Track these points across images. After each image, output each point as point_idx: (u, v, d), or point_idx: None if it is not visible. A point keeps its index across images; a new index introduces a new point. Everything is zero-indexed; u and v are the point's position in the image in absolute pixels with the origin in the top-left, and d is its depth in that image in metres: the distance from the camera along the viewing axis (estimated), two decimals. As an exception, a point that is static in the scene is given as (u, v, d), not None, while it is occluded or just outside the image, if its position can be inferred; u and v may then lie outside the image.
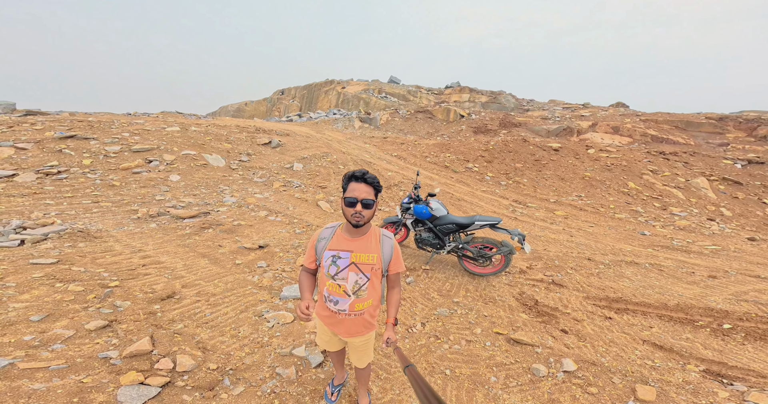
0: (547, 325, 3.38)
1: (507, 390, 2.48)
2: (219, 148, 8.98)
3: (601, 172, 10.72)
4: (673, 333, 3.42)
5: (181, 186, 6.59)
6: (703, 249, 6.42)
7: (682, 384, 2.66)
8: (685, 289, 4.44)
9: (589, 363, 2.80)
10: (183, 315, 2.82)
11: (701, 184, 10.24)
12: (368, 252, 1.56)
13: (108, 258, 3.60)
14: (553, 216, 8.11)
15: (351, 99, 25.35)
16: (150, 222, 4.89)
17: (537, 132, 15.68)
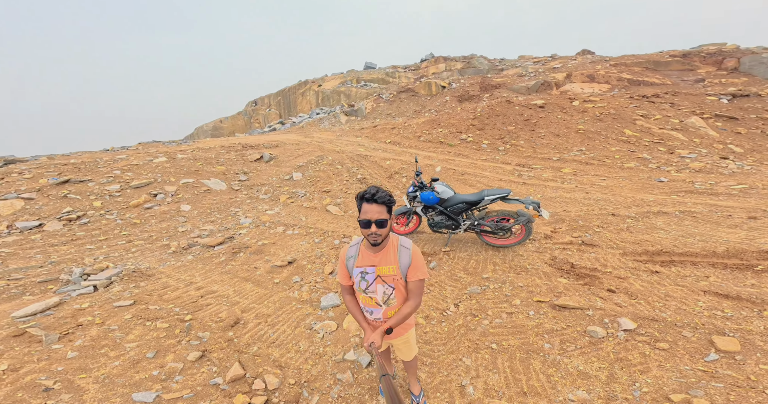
0: (590, 287, 3.43)
1: (566, 355, 2.57)
2: (214, 172, 9.14)
3: (593, 123, 10.64)
4: (735, 281, 3.38)
5: (195, 215, 6.80)
6: (730, 190, 6.41)
7: (766, 331, 2.62)
8: (729, 234, 4.45)
9: (649, 320, 2.85)
10: (253, 338, 3.06)
11: (697, 123, 10.16)
12: (388, 264, 1.68)
13: (171, 294, 3.86)
14: (561, 174, 8.08)
15: (330, 95, 25.10)
16: (185, 254, 5.11)
17: (517, 91, 15.67)
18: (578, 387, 2.23)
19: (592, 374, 2.34)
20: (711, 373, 2.23)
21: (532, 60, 22.52)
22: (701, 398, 2.02)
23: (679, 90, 12.59)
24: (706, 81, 13.41)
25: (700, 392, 2.07)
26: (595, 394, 2.16)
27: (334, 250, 4.78)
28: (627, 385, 2.21)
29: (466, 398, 2.29)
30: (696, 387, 2.11)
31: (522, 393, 2.27)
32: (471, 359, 2.64)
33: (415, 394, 2.25)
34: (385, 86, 23.95)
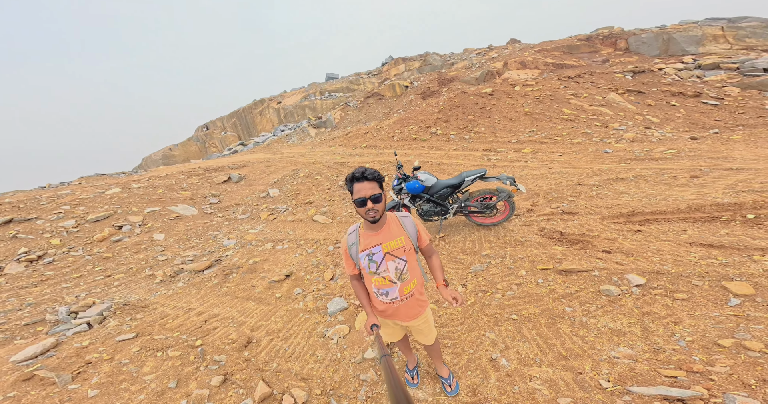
0: (586, 250, 3.41)
1: (591, 315, 2.46)
2: (179, 198, 8.56)
3: (536, 105, 11.13)
4: (710, 232, 3.46)
5: (171, 242, 6.34)
6: (665, 155, 6.90)
7: (766, 273, 2.62)
8: (682, 192, 4.69)
9: (655, 274, 2.82)
10: (270, 355, 2.81)
11: (616, 99, 10.88)
12: (394, 237, 1.60)
13: (172, 323, 3.54)
14: (523, 154, 8.30)
15: (294, 110, 24.41)
16: (174, 282, 4.75)
17: (468, 82, 16.17)
18: (617, 344, 2.11)
19: (625, 330, 2.24)
20: (744, 317, 2.18)
21: (475, 52, 23.36)
22: (751, 340, 1.94)
23: (594, 70, 13.55)
24: (610, 61, 14.60)
25: (746, 335, 1.99)
26: (638, 348, 2.04)
27: (330, 257, 4.48)
28: (667, 337, 2.12)
29: (502, 370, 2.11)
30: (740, 331, 2.04)
31: (561, 357, 2.12)
32: (494, 333, 2.47)
33: (445, 376, 2.09)
34: (351, 94, 23.76)
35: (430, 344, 1.95)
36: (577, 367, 1.98)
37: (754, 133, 7.95)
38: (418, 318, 1.77)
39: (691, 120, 9.40)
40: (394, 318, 1.77)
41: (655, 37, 14.40)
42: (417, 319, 1.77)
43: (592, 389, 1.79)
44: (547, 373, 1.99)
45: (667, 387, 1.61)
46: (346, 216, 6.04)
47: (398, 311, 1.71)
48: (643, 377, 1.79)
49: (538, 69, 15.06)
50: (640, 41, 14.81)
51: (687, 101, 10.32)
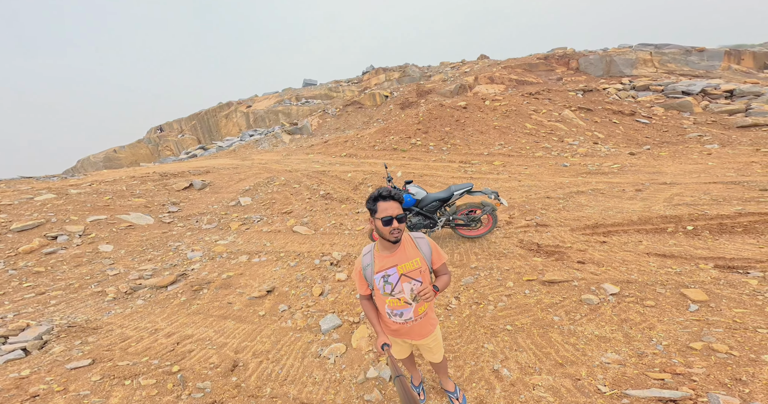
0: (563, 261, 3.70)
1: (577, 323, 2.68)
2: (132, 205, 7.85)
3: (504, 119, 11.87)
4: (661, 242, 3.90)
5: (122, 255, 5.78)
6: (612, 169, 7.70)
7: (714, 280, 2.98)
8: (631, 204, 5.24)
9: (626, 283, 3.13)
10: (261, 379, 2.64)
11: (570, 115, 11.97)
12: (410, 259, 1.62)
13: (137, 346, 3.20)
14: (495, 167, 8.75)
15: (265, 115, 23.56)
16: (132, 299, 4.32)
17: (444, 95, 16.83)
18: (605, 350, 2.32)
19: (609, 336, 2.47)
20: (705, 321, 2.48)
21: (450, 66, 24.24)
22: (718, 342, 2.22)
23: (550, 87, 14.76)
24: (564, 79, 16.01)
25: (711, 338, 2.27)
26: (624, 354, 2.27)
27: (317, 271, 4.35)
28: (646, 341, 2.36)
29: (506, 380, 2.22)
30: (705, 334, 2.33)
31: (558, 365, 2.27)
32: (493, 344, 2.59)
33: (451, 391, 2.14)
34: (330, 101, 23.35)
35: (438, 361, 1.98)
36: (574, 374, 2.15)
37: (677, 149, 9.18)
38: (429, 337, 1.81)
39: (628, 136, 10.62)
40: (405, 338, 1.80)
41: (600, 59, 16.07)
42: (428, 338, 1.81)
43: (592, 394, 1.96)
44: (548, 381, 2.13)
45: (659, 389, 1.82)
46: (329, 228, 5.92)
47: (411, 330, 1.74)
48: (635, 380, 1.99)
49: (503, 84, 16.09)
50: (588, 62, 16.42)
51: (624, 119, 11.65)
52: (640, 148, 9.60)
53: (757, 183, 5.58)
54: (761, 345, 2.12)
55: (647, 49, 16.51)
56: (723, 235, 3.90)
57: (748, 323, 2.38)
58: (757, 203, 4.69)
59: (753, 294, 2.73)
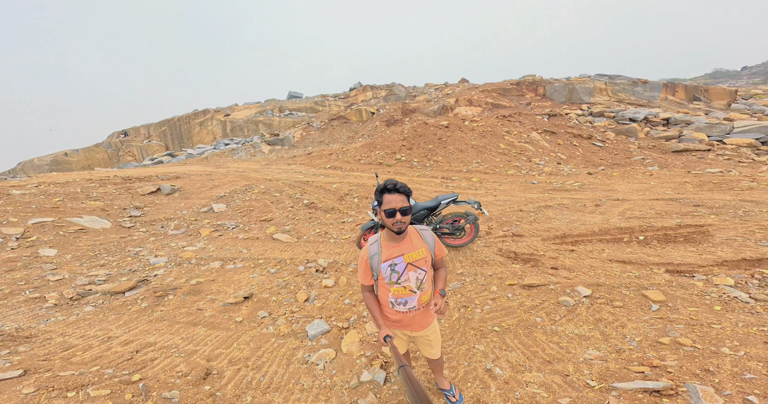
0: (538, 267, 3.93)
1: (557, 324, 2.84)
2: (86, 208, 7.32)
3: (481, 138, 12.58)
4: (620, 250, 4.28)
5: (68, 260, 5.31)
6: (573, 187, 8.35)
7: (668, 283, 3.30)
8: (591, 218, 5.71)
9: (596, 285, 3.38)
10: (240, 388, 2.47)
11: (537, 137, 12.97)
12: (416, 249, 1.68)
13: (84, 355, 2.88)
14: (473, 183, 9.17)
15: (244, 125, 22.93)
16: (78, 306, 3.94)
17: (427, 114, 17.57)
18: (587, 348, 2.47)
19: (588, 335, 2.63)
20: (667, 319, 2.74)
21: (434, 87, 25.47)
22: (682, 337, 2.45)
23: (521, 111, 15.92)
24: (532, 104, 17.38)
25: (676, 333, 2.51)
26: (604, 350, 2.42)
27: (302, 277, 4.23)
28: (621, 338, 2.55)
29: (499, 379, 2.28)
30: (670, 330, 2.56)
31: (546, 362, 2.38)
32: (483, 344, 2.66)
33: (447, 389, 2.16)
34: (315, 115, 23.36)
35: (436, 357, 2.00)
36: (562, 370, 2.26)
37: (626, 170, 10.18)
38: (429, 328, 1.85)
39: (586, 158, 11.62)
40: (407, 328, 1.82)
41: (563, 87, 17.64)
42: (428, 328, 1.85)
43: (582, 388, 2.06)
44: (540, 378, 2.22)
45: (642, 381, 1.96)
46: (314, 236, 5.80)
47: (414, 320, 1.77)
48: (618, 374, 2.13)
49: (480, 107, 17.14)
50: (553, 89, 17.94)
51: (583, 142, 12.76)
52: (596, 169, 10.53)
53: (690, 200, 6.36)
54: (718, 339, 2.38)
55: (602, 79, 18.41)
56: (669, 244, 4.38)
57: (703, 319, 2.67)
58: (692, 217, 5.35)
59: (701, 295, 3.07)
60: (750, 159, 10.26)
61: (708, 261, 3.73)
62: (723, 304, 2.89)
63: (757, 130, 11.52)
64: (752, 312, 2.73)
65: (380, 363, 2.58)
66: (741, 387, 1.86)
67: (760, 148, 11.05)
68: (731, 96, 17.19)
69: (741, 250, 3.94)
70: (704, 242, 4.30)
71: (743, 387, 1.87)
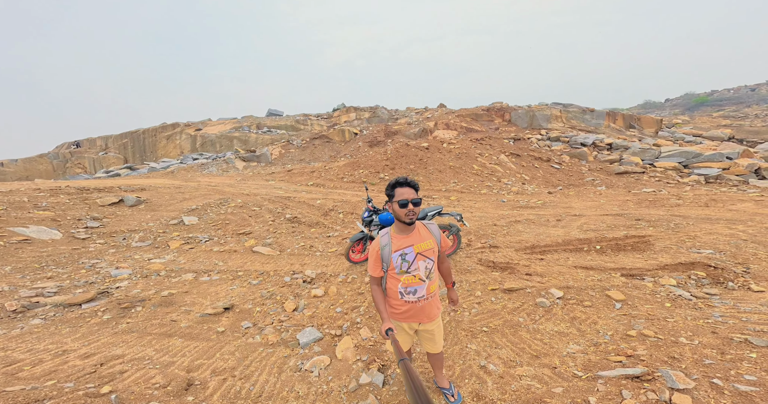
0: (514, 274, 4.20)
1: (538, 323, 3.06)
2: (33, 218, 6.77)
3: (457, 160, 13.25)
4: (582, 258, 4.71)
5: (7, 271, 4.89)
6: (537, 204, 9.03)
7: (624, 284, 3.67)
8: (555, 231, 6.22)
9: (566, 288, 3.68)
10: (228, 398, 2.37)
11: (504, 159, 13.97)
12: (425, 240, 1.80)
13: (34, 370, 2.61)
14: (451, 201, 9.60)
15: (216, 140, 22.14)
16: (24, 319, 3.62)
17: (409, 136, 18.35)
18: (568, 343, 2.67)
19: (567, 332, 2.85)
20: (630, 315, 3.04)
21: (415, 111, 26.69)
22: (645, 329, 2.74)
23: (491, 135, 17.12)
24: (499, 129, 18.80)
25: (639, 327, 2.80)
26: (583, 344, 2.63)
27: (288, 288, 4.14)
28: (595, 333, 2.79)
29: (494, 374, 2.39)
30: (635, 325, 2.85)
31: (534, 357, 2.54)
32: (475, 344, 2.78)
33: (446, 387, 2.22)
34: (296, 133, 23.18)
35: (437, 352, 2.07)
36: (550, 363, 2.43)
37: (580, 190, 11.22)
38: (435, 321, 1.93)
39: (546, 179, 12.64)
40: (414, 320, 1.88)
41: (526, 113, 19.25)
42: (434, 321, 1.93)
43: (571, 378, 2.23)
44: (531, 371, 2.36)
45: (622, 368, 2.17)
46: (298, 249, 5.70)
47: (422, 310, 1.84)
48: (600, 364, 2.33)
49: (456, 131, 18.26)
50: (517, 115, 19.53)
51: (543, 164, 13.88)
52: (555, 188, 11.47)
53: (632, 215, 7.22)
54: (675, 330, 2.69)
55: (558, 107, 20.43)
56: (620, 252, 4.91)
57: (658, 314, 3.01)
58: (635, 229, 6.06)
59: (653, 294, 3.48)
60: (675, 180, 11.81)
61: (653, 266, 4.24)
62: (671, 301, 3.29)
63: (679, 155, 13.32)
64: (695, 308, 3.13)
65: (378, 366, 2.59)
66: (704, 372, 2.12)
67: (682, 170, 12.75)
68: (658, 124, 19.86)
69: (677, 256, 4.53)
70: (647, 250, 4.89)
71: (706, 371, 2.13)
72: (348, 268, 4.68)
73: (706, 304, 3.19)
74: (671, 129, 19.79)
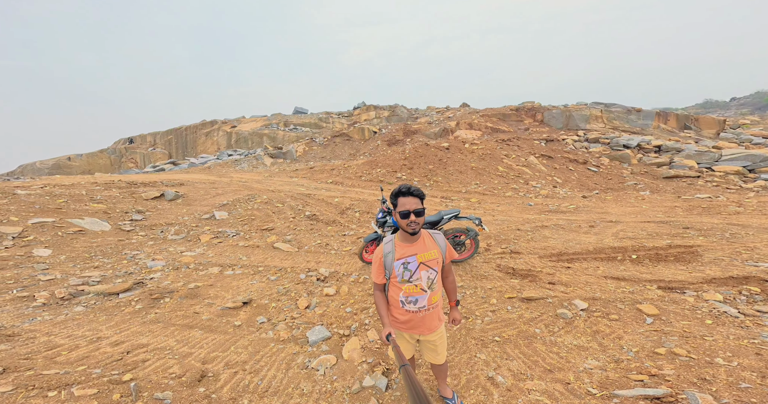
0: (536, 282, 3.99)
1: (556, 335, 2.88)
2: (89, 210, 7.36)
3: (480, 161, 12.90)
4: (614, 268, 4.39)
5: (62, 260, 5.30)
6: (569, 209, 8.54)
7: (660, 298, 3.40)
8: (586, 238, 5.84)
9: (592, 299, 3.45)
10: (237, 391, 2.45)
11: (534, 161, 13.34)
12: (429, 250, 1.75)
13: (70, 355, 2.82)
14: (471, 203, 9.35)
15: (249, 137, 23.38)
16: (69, 306, 3.90)
17: (428, 136, 18.10)
18: (586, 358, 2.50)
19: (587, 346, 2.67)
20: (661, 331, 2.80)
21: (435, 110, 26.28)
22: (677, 347, 2.51)
23: (519, 136, 16.47)
24: (530, 129, 18.00)
25: (671, 344, 2.57)
26: (603, 360, 2.46)
27: (303, 285, 4.25)
28: (618, 349, 2.59)
29: (501, 387, 2.29)
30: (665, 342, 2.62)
31: (547, 371, 2.40)
32: (484, 354, 2.68)
33: (449, 397, 2.16)
34: (319, 131, 23.98)
35: (441, 363, 2.01)
36: (563, 379, 2.29)
37: (619, 194, 10.47)
38: (436, 332, 1.87)
39: (581, 182, 11.94)
40: (415, 331, 1.83)
41: (561, 114, 18.33)
42: (435, 332, 1.87)
43: (584, 396, 2.09)
44: (541, 386, 2.24)
45: (642, 388, 2.00)
46: (315, 247, 5.84)
47: (423, 321, 1.80)
48: (618, 382, 2.16)
49: (480, 131, 17.75)
50: (551, 115, 18.65)
51: (578, 167, 13.13)
52: (591, 193, 10.80)
53: (680, 222, 6.56)
54: (711, 350, 2.44)
55: (598, 107, 19.22)
56: (660, 263, 4.51)
57: (696, 332, 2.73)
58: (682, 238, 5.53)
59: (693, 309, 3.16)
60: (737, 185, 10.64)
61: (698, 279, 3.85)
62: (714, 318, 2.97)
63: (744, 158, 12.01)
64: (742, 326, 2.81)
65: (382, 370, 2.58)
66: (738, 396, 1.91)
67: (747, 175, 11.48)
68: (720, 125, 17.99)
69: (728, 269, 4.08)
70: (693, 261, 4.45)
71: (740, 396, 1.92)
72: (360, 268, 4.71)
73: (755, 323, 2.86)
74: (737, 130, 17.82)
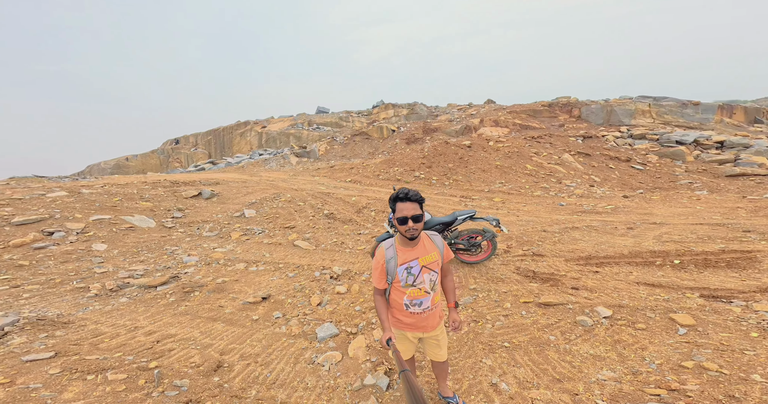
0: (557, 287, 3.78)
1: (572, 343, 2.71)
2: (138, 208, 8.02)
3: (505, 159, 12.40)
4: (650, 274, 4.05)
5: (115, 254, 5.82)
6: (606, 209, 7.97)
7: (700, 307, 3.10)
8: (622, 240, 5.42)
9: (617, 307, 3.20)
10: (247, 381, 2.57)
11: (569, 159, 12.55)
12: (429, 252, 1.76)
13: (111, 342, 3.10)
14: (494, 203, 9.05)
15: (277, 136, 24.48)
16: (116, 297, 4.27)
17: (449, 134, 17.60)
18: (601, 368, 2.34)
19: (604, 356, 2.49)
20: (694, 343, 2.55)
21: (457, 108, 25.52)
22: (708, 361, 2.28)
23: (552, 132, 15.59)
24: (565, 126, 16.95)
25: (701, 358, 2.34)
26: (619, 371, 2.28)
27: (317, 283, 4.38)
28: (639, 360, 2.40)
29: (504, 394, 2.21)
30: (695, 355, 2.39)
31: (555, 381, 2.28)
32: (491, 359, 2.59)
33: (450, 397, 2.13)
34: (339, 129, 24.47)
35: (442, 360, 2.00)
36: (571, 389, 2.16)
37: (668, 194, 9.56)
38: (438, 327, 1.90)
39: (623, 181, 11.07)
40: (420, 330, 1.86)
41: (601, 109, 17.10)
42: (437, 328, 1.90)
43: (590, 408, 1.97)
44: (547, 395, 2.13)
45: (656, 403, 1.84)
46: (331, 245, 5.99)
47: (426, 321, 1.83)
48: (632, 396, 2.00)
49: (507, 128, 16.97)
50: (589, 111, 17.46)
51: (620, 165, 12.19)
52: (634, 192, 9.98)
53: (741, 225, 5.86)
54: (749, 365, 2.17)
55: (646, 101, 17.69)
56: (707, 269, 4.07)
57: (735, 345, 2.45)
58: (740, 242, 4.94)
59: (737, 321, 2.82)
60: (818, 185, 9.30)
61: (750, 287, 3.42)
62: (761, 331, 2.64)
63: (826, 156, 10.49)
64: (796, 343, 2.46)
65: (384, 370, 2.59)
66: (771, 419, 1.69)
67: (832, 173, 10.01)
68: (798, 119, 15.78)
69: (791, 279, 3.58)
70: (749, 268, 3.97)
71: (773, 419, 1.70)
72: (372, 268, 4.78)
73: (813, 339, 2.49)
74: (820, 124, 15.46)
